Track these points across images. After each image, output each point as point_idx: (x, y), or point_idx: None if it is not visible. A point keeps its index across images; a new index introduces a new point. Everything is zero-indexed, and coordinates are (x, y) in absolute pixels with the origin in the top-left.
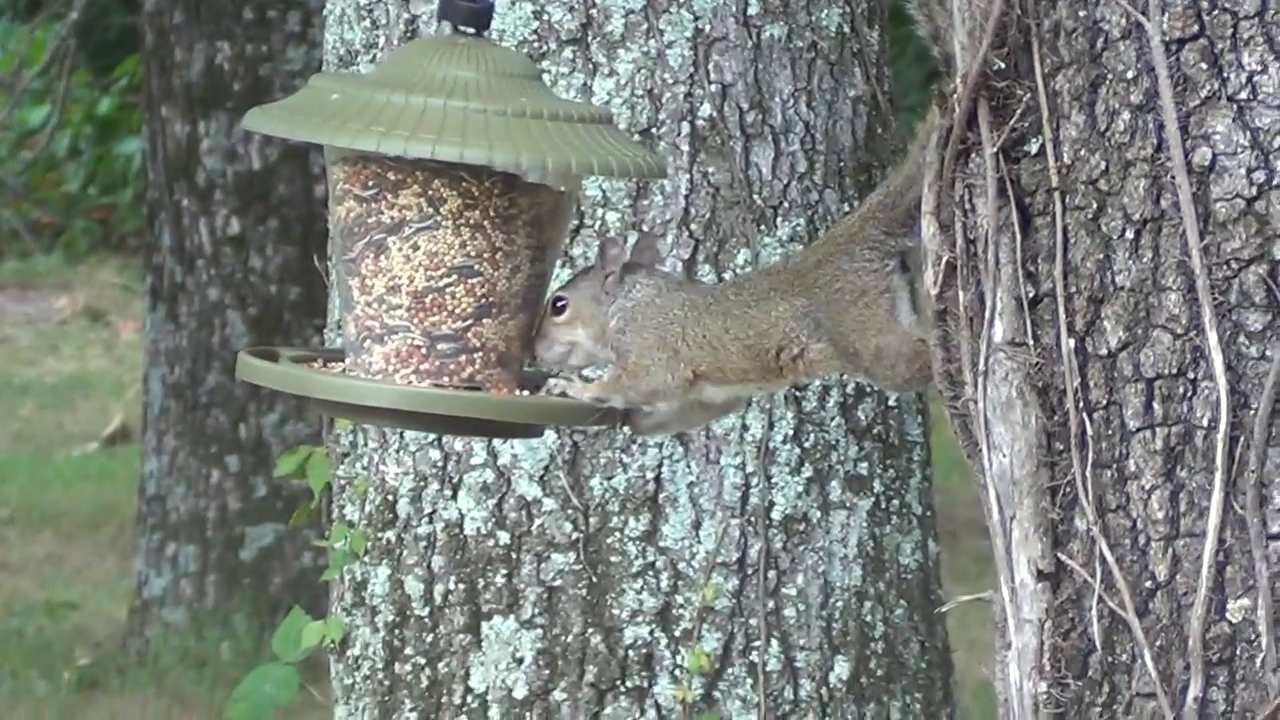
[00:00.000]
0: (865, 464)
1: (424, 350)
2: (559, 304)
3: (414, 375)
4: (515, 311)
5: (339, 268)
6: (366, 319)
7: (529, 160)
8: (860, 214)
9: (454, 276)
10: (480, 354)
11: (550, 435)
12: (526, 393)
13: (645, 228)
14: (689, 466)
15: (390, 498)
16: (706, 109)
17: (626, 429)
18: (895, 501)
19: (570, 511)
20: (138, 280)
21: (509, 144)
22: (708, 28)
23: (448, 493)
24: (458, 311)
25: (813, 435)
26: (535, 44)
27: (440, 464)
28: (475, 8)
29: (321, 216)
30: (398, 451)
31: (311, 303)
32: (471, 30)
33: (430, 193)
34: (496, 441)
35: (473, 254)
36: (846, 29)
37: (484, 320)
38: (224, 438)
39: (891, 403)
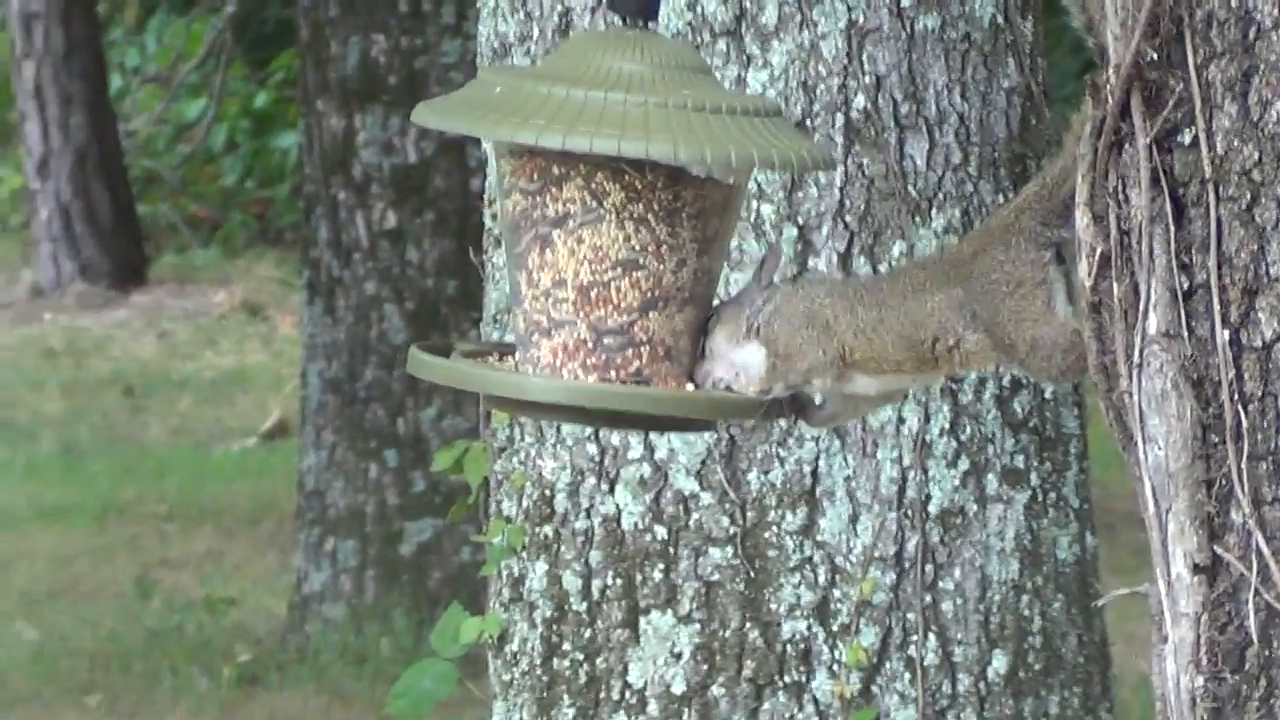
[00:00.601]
0: (1022, 457)
1: (590, 344)
2: (709, 324)
3: (581, 370)
4: (681, 305)
5: (508, 261)
6: (534, 313)
7: (687, 152)
8: (1016, 205)
9: (619, 270)
10: (647, 348)
11: (708, 431)
12: (693, 387)
13: (800, 221)
14: (846, 460)
15: (548, 492)
16: (861, 100)
17: (799, 423)
18: (1052, 494)
19: (727, 506)
20: (295, 274)
21: (667, 136)
22: (861, 19)
23: (605, 487)
24: (623, 305)
25: (969, 428)
26: (690, 36)
27: (597, 458)
28: (644, 0)
29: (477, 210)
30: (555, 446)
31: (468, 296)
32: (640, 23)
33: (594, 186)
34: (654, 435)
35: (637, 247)
36: (1000, 20)
37: (650, 314)
38: (382, 432)
39: (1048, 395)
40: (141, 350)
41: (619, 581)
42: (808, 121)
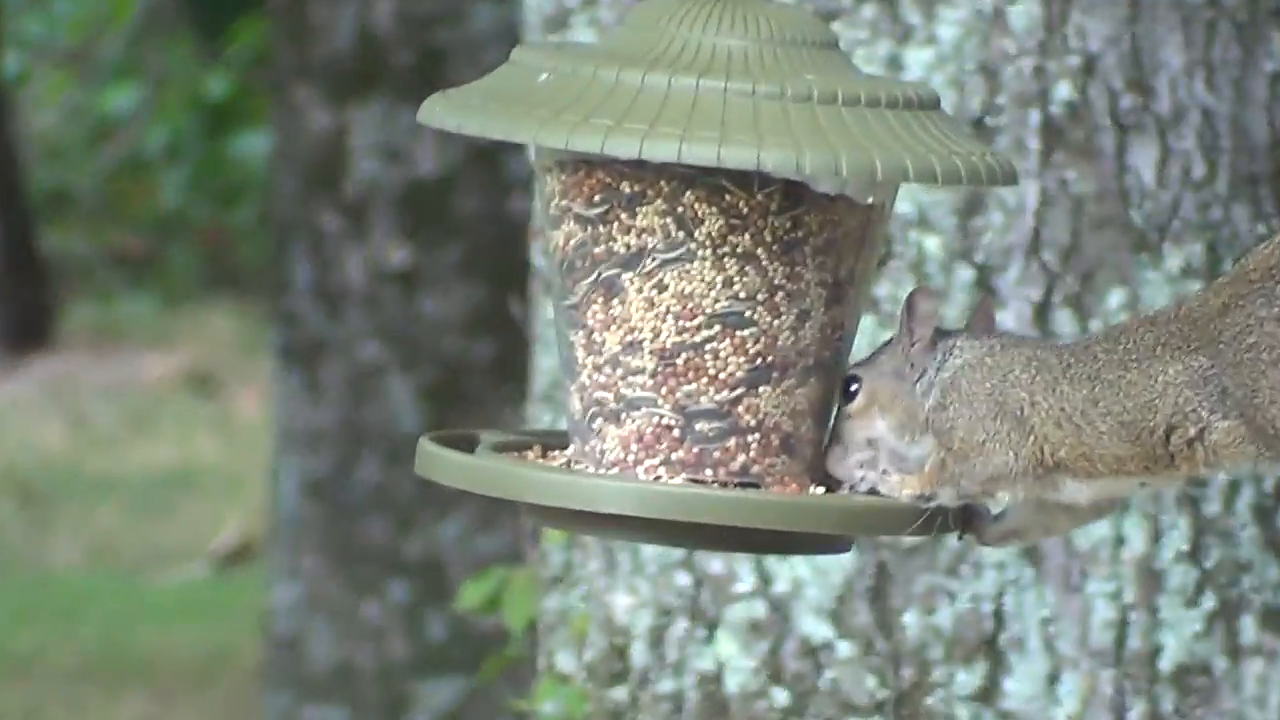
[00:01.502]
0: None
1: (677, 432)
2: (850, 387)
3: (663, 467)
4: (804, 376)
5: (558, 317)
6: (596, 389)
7: (816, 162)
8: (1278, 243)
9: (716, 328)
10: (756, 436)
11: (845, 553)
12: (821, 490)
13: (978, 259)
14: (1042, 596)
15: (620, 641)
16: (1065, 90)
17: (965, 537)
18: None
19: (875, 660)
20: (261, 333)
21: (787, 139)
22: None
23: (701, 633)
24: (723, 377)
25: (1217, 552)
26: (823, 0)
27: (691, 593)
28: None
29: (520, 242)
30: (631, 575)
31: (506, 364)
32: None
33: (680, 210)
34: (771, 560)
35: (743, 295)
36: None
37: (760, 389)
38: (384, 556)
39: None
40: (45, 439)
41: None
42: (988, 119)
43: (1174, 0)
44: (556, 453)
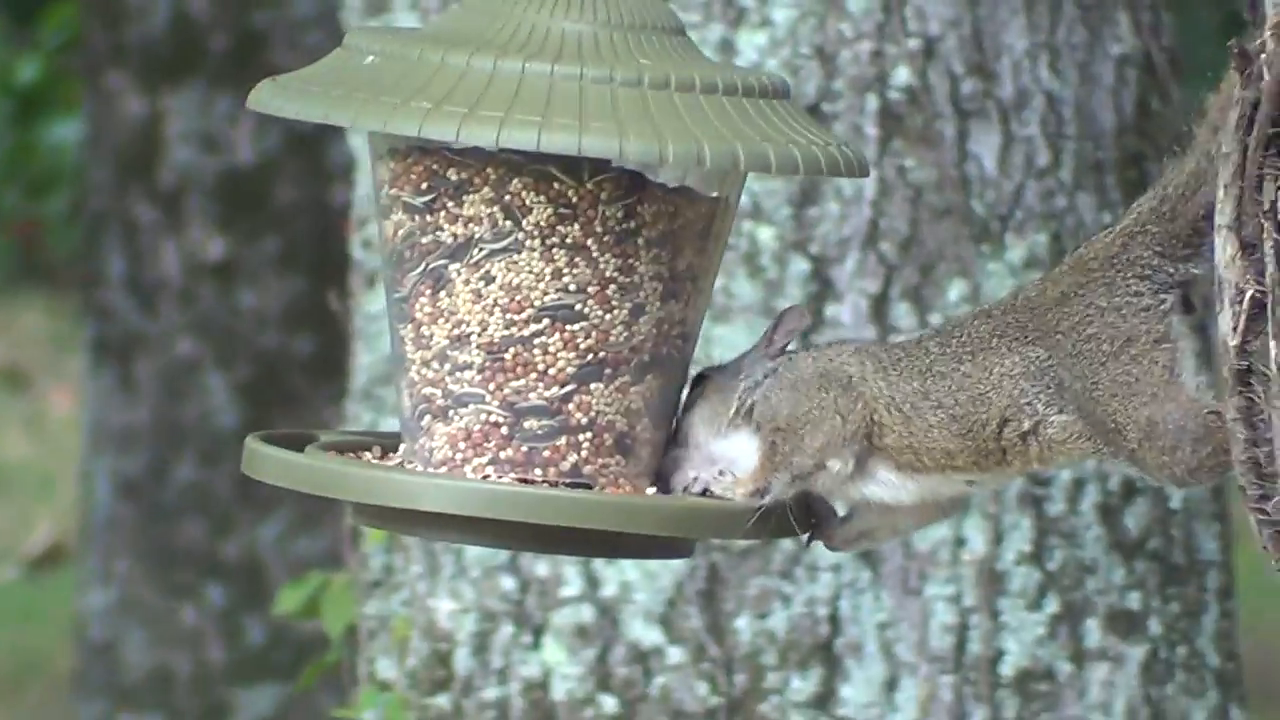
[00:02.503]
0: (1137, 594)
1: (505, 430)
2: (687, 399)
3: (491, 466)
4: (639, 373)
5: (388, 310)
6: (424, 384)
7: (679, 151)
8: (1124, 228)
9: (545, 321)
10: (588, 435)
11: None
12: (655, 490)
13: (813, 250)
14: (879, 599)
15: (443, 646)
16: (903, 74)
17: (812, 544)
18: (1181, 649)
19: (706, 665)
20: (74, 327)
21: (646, 128)
22: None
23: (527, 639)
24: (553, 373)
25: (1060, 553)
26: None
27: (516, 597)
28: None
29: (340, 233)
30: (454, 579)
31: (327, 360)
32: None
33: (507, 199)
34: (599, 563)
35: (573, 288)
36: None
37: (592, 385)
38: (201, 559)
39: (1174, 505)
40: None
41: None
42: (824, 106)
43: None
44: (394, 454)
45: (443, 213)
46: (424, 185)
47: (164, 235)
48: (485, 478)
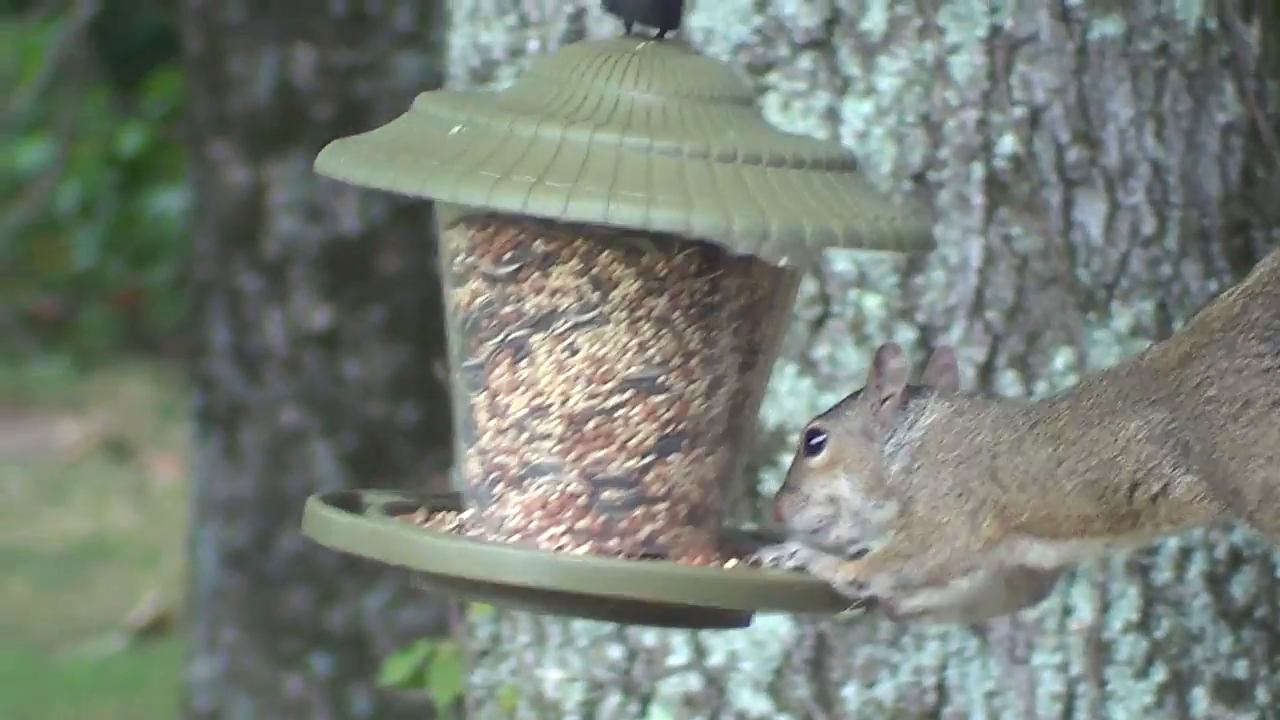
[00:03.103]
0: (1244, 662)
1: (583, 500)
2: (814, 441)
3: (567, 536)
4: (714, 445)
5: (458, 378)
6: (498, 453)
7: (745, 224)
8: (1245, 289)
9: (629, 393)
10: (664, 505)
11: (782, 623)
12: (733, 562)
13: (920, 319)
14: (987, 668)
15: (550, 716)
16: (1009, 143)
17: (870, 610)
18: None
19: None
20: (179, 397)
21: (714, 201)
22: (1009, 24)
23: (635, 708)
24: (633, 445)
25: (1167, 622)
26: (758, 49)
27: (624, 666)
28: None
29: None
30: (561, 648)
31: (433, 429)
32: (654, 30)
33: (595, 271)
34: (706, 632)
35: (657, 360)
36: (1212, 24)
37: (670, 457)
38: (306, 628)
39: None
40: None
41: None
42: (930, 173)
43: (1122, 49)
44: (444, 514)
45: (527, 283)
46: (506, 255)
47: (268, 305)
48: (560, 547)
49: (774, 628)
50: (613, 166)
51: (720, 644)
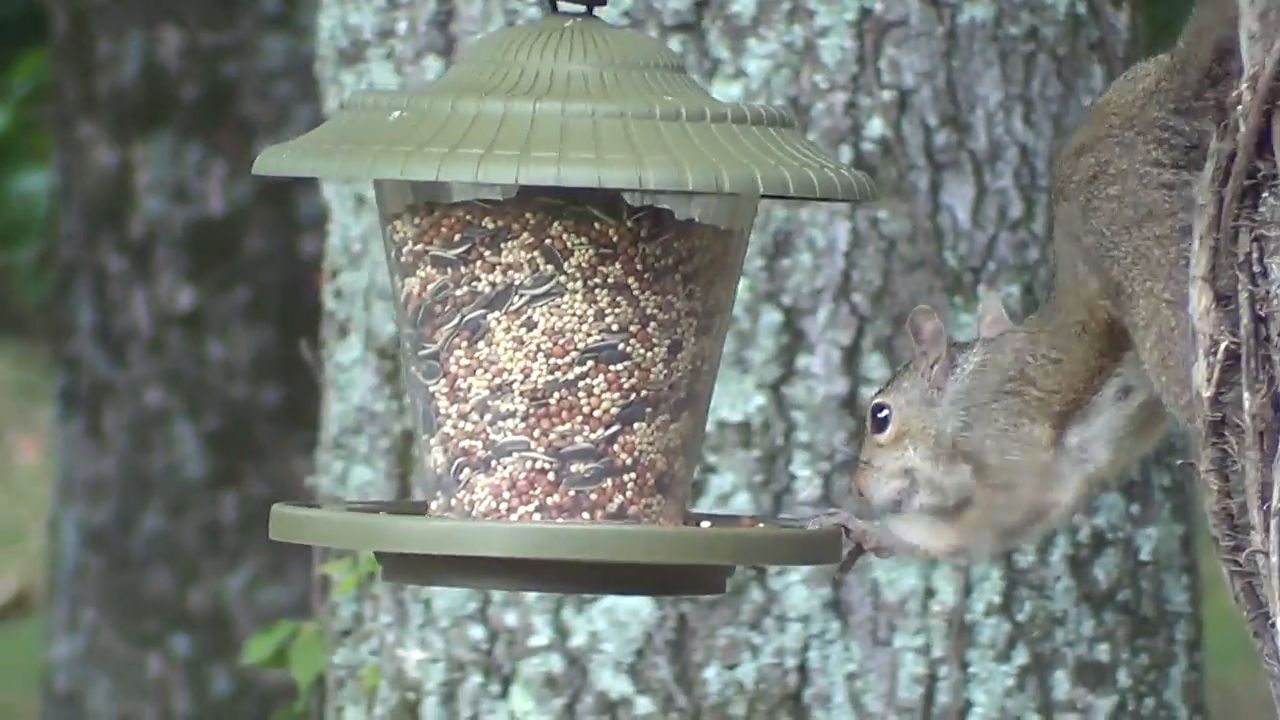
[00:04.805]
0: (1106, 646)
1: (552, 475)
2: (880, 415)
3: (539, 514)
4: (677, 410)
5: (413, 373)
6: (462, 437)
7: (698, 176)
8: (1144, 88)
9: (589, 363)
10: (632, 475)
11: (644, 605)
12: (706, 524)
13: (786, 301)
14: (848, 649)
15: (411, 696)
16: (877, 126)
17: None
18: (1150, 701)
19: (675, 716)
20: (43, 378)
21: (664, 156)
22: (878, 7)
23: (496, 688)
24: (598, 415)
25: (1029, 604)
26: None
27: (485, 646)
28: None
29: (312, 285)
30: (422, 628)
31: (295, 410)
32: (582, 8)
33: (548, 242)
34: (568, 612)
35: (615, 328)
36: (1081, 9)
37: (635, 425)
38: (168, 609)
39: (1144, 556)
40: None
41: None
42: None
43: (991, 33)
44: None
45: (479, 262)
46: (457, 237)
47: (133, 285)
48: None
49: (635, 608)
50: (559, 132)
51: (581, 625)
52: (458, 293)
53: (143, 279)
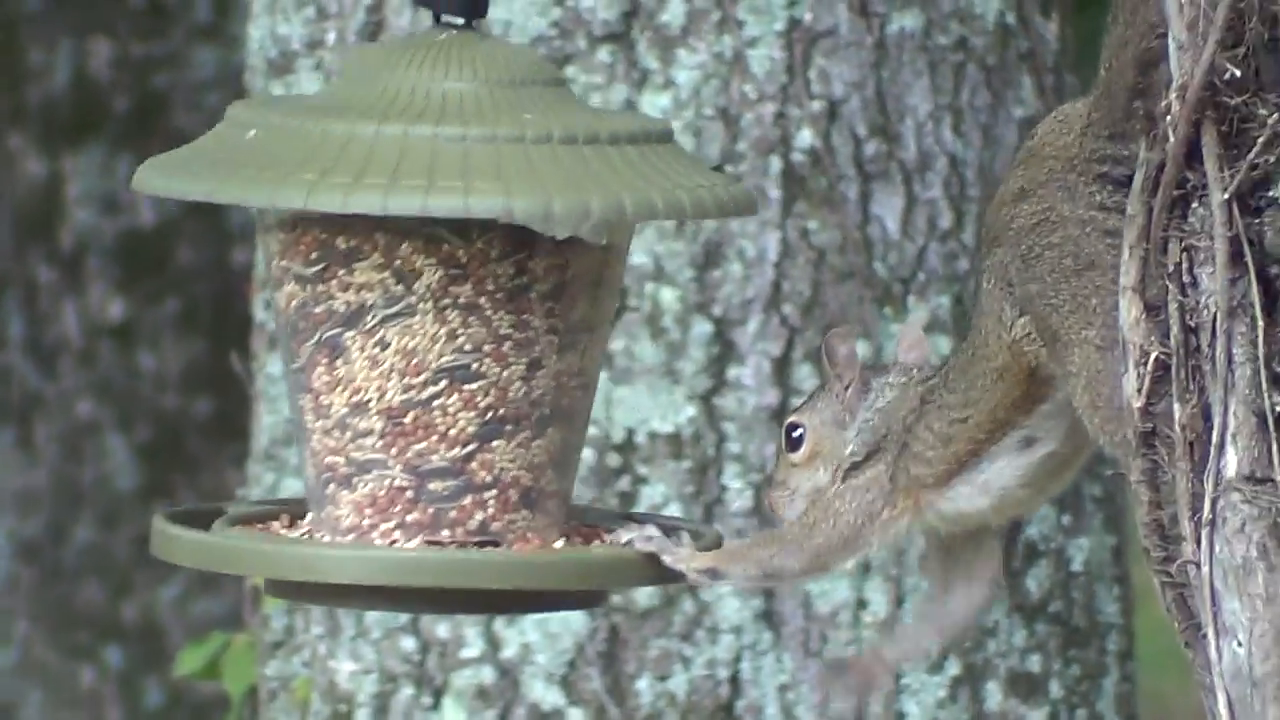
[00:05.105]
0: (1038, 657)
1: (410, 493)
2: (793, 434)
3: (399, 531)
4: (541, 427)
5: (288, 381)
6: (327, 453)
7: (565, 205)
8: (1077, 127)
9: (443, 383)
10: (493, 492)
11: (576, 617)
12: (577, 542)
13: (716, 312)
14: (780, 660)
15: (343, 708)
16: (807, 136)
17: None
18: (1082, 712)
19: None
20: None
21: (533, 184)
22: (808, 17)
23: (428, 700)
24: (454, 434)
25: None
26: (556, 42)
27: (417, 658)
28: None
29: (242, 295)
30: (354, 640)
31: (226, 421)
32: (461, 21)
33: (398, 263)
34: (500, 624)
35: (468, 348)
36: (1010, 19)
37: (494, 443)
38: (100, 621)
39: (1075, 567)
40: None
41: None
42: (727, 167)
43: (921, 43)
44: (302, 521)
45: (334, 281)
46: (313, 255)
47: (64, 297)
48: (393, 542)
49: (568, 620)
50: (429, 159)
51: (513, 636)
52: (316, 310)
53: (73, 290)
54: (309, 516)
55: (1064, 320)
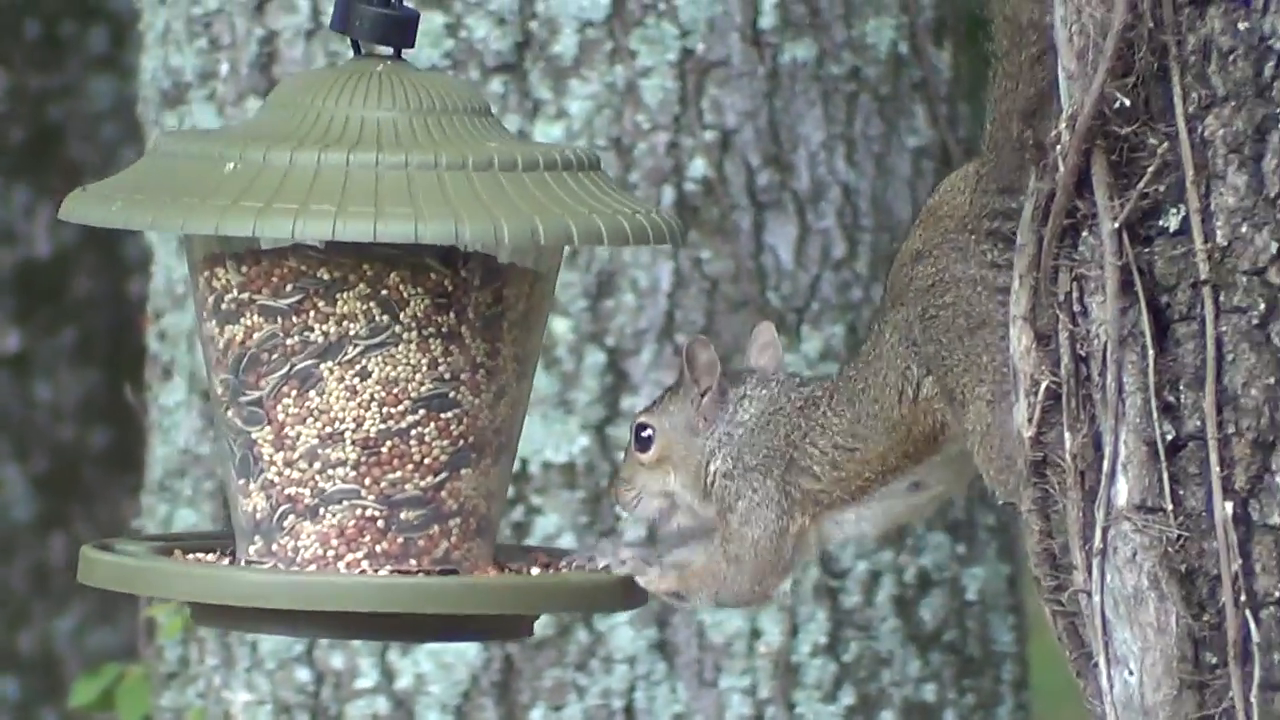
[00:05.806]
0: (933, 686)
1: (381, 523)
2: (643, 434)
3: (366, 561)
4: (497, 455)
5: (228, 416)
6: (288, 484)
7: (475, 229)
8: (970, 186)
9: (422, 412)
10: (457, 520)
11: (470, 647)
12: (511, 570)
13: (609, 342)
14: (675, 690)
15: None
16: (700, 166)
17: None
18: None
19: None
20: None
21: (443, 209)
22: (701, 48)
23: None
24: (428, 462)
25: (854, 645)
26: (450, 72)
27: (311, 688)
28: (393, 16)
29: (137, 328)
30: (249, 670)
31: (122, 452)
32: (389, 51)
33: (384, 293)
34: (394, 655)
35: (447, 376)
36: (903, 49)
37: (462, 471)
38: None
39: (970, 596)
40: None
41: None
42: None
43: (814, 73)
44: (203, 555)
45: (312, 313)
46: (288, 287)
47: None
48: (361, 572)
49: (461, 651)
50: (373, 186)
51: (408, 666)
52: (288, 342)
53: None
54: (255, 547)
55: (959, 379)
